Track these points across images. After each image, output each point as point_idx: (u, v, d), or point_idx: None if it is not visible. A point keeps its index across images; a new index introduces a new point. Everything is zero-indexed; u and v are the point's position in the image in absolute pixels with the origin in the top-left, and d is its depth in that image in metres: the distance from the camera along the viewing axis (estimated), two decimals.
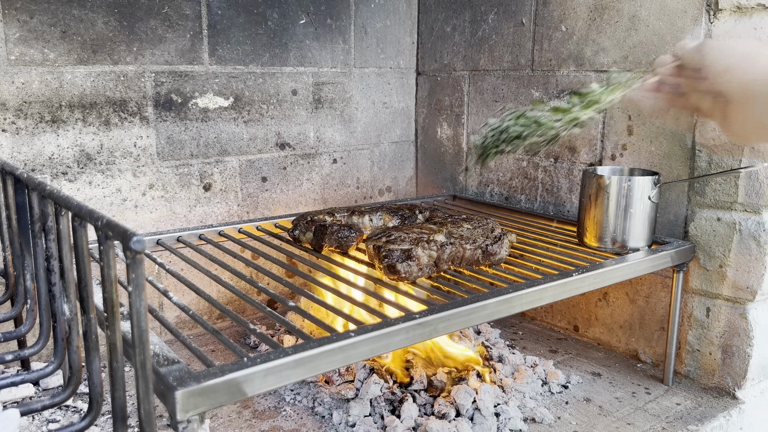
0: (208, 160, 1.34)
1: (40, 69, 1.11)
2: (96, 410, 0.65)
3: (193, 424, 0.58)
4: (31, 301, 0.82)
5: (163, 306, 1.32)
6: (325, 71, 1.49)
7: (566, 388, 1.14)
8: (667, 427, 1.02)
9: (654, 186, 1.05)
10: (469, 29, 1.51)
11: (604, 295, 1.30)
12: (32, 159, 1.13)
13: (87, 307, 0.61)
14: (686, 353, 1.16)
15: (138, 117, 1.23)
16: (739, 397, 1.10)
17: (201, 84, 1.30)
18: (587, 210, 1.09)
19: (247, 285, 1.27)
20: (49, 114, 1.13)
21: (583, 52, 1.27)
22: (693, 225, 1.12)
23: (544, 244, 1.12)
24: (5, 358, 0.75)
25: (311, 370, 0.66)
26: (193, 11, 1.26)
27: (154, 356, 0.63)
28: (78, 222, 0.60)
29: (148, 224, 1.27)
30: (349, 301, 0.83)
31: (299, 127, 1.47)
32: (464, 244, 0.93)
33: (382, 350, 0.72)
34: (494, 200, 1.51)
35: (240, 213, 1.40)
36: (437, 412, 1.00)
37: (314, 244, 1.04)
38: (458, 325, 0.79)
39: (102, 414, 0.96)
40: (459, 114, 1.57)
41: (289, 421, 1.01)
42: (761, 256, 1.05)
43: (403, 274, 0.87)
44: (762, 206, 1.04)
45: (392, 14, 1.59)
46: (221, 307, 0.79)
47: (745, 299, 1.08)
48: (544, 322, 1.45)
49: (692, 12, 1.08)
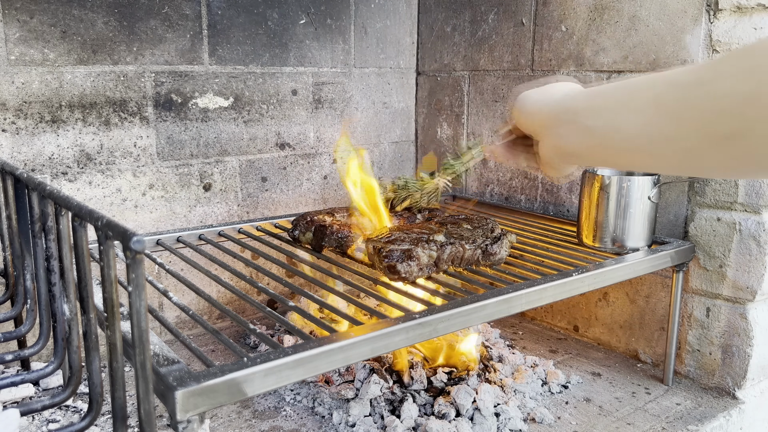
0: (208, 160, 1.34)
1: (40, 69, 1.11)
2: (96, 410, 0.66)
3: (193, 424, 0.58)
4: (31, 301, 0.82)
5: (163, 306, 1.32)
6: (325, 71, 1.49)
7: (566, 388, 1.14)
8: (667, 427, 1.02)
9: (654, 186, 1.05)
10: (469, 29, 1.51)
11: (604, 295, 1.30)
12: (32, 159, 1.13)
13: (87, 307, 0.61)
14: (686, 353, 1.16)
15: (138, 117, 1.23)
16: (739, 397, 1.10)
17: (201, 84, 1.30)
18: (587, 210, 1.09)
19: (247, 285, 1.27)
20: (49, 114, 1.13)
21: (583, 52, 1.27)
22: (693, 225, 1.12)
23: (544, 244, 1.12)
24: (5, 358, 0.75)
25: (311, 370, 0.66)
26: (193, 11, 1.26)
27: (154, 356, 0.63)
28: (78, 222, 0.60)
29: (148, 224, 1.27)
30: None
31: (299, 127, 1.47)
32: (464, 244, 0.93)
33: (382, 350, 0.72)
34: (494, 200, 1.51)
35: (240, 213, 1.40)
36: (437, 412, 1.00)
37: (314, 244, 1.04)
38: (458, 325, 0.79)
39: (102, 414, 0.96)
40: (459, 114, 1.57)
41: (289, 421, 1.01)
42: (761, 256, 1.05)
43: (403, 274, 0.87)
44: (762, 206, 1.04)
45: (392, 14, 1.59)
46: (221, 307, 0.79)
47: (745, 299, 1.08)
48: (544, 322, 1.45)
49: (692, 12, 1.08)
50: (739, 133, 0.43)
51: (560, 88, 0.69)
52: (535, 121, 0.69)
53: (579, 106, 0.61)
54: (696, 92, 0.46)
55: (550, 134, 0.65)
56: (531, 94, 0.72)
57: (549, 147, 0.66)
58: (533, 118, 0.69)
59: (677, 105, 0.48)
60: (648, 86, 0.52)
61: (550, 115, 0.65)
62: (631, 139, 0.53)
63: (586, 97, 0.61)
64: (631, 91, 0.54)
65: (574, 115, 0.61)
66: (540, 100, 0.69)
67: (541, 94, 0.70)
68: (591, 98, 0.60)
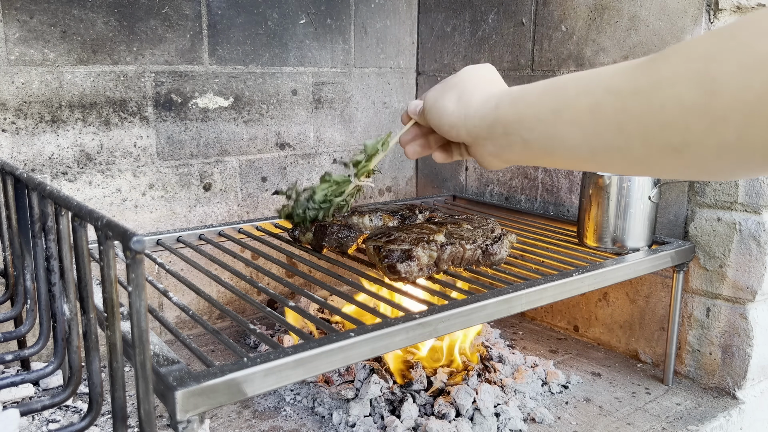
0: (208, 160, 1.34)
1: (40, 69, 1.11)
2: (96, 410, 0.65)
3: (193, 424, 0.58)
4: (31, 301, 0.82)
5: (163, 306, 1.32)
6: (325, 71, 1.49)
7: (566, 388, 1.14)
8: (667, 427, 1.02)
9: (654, 186, 1.05)
10: (469, 29, 1.51)
11: (604, 295, 1.30)
12: (32, 159, 1.13)
13: (87, 307, 0.61)
14: (686, 353, 1.16)
15: (138, 117, 1.23)
16: (739, 397, 1.10)
17: (201, 84, 1.30)
18: (587, 210, 1.09)
19: (247, 285, 1.27)
20: (49, 114, 1.13)
21: (584, 52, 1.27)
22: (693, 225, 1.12)
23: (544, 244, 1.12)
24: (5, 358, 0.75)
25: (311, 370, 0.66)
26: (193, 11, 1.26)
27: (154, 356, 0.63)
28: (78, 222, 0.60)
29: (148, 224, 1.27)
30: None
31: (299, 127, 1.47)
32: (464, 244, 0.93)
33: (382, 350, 0.72)
34: (494, 200, 1.51)
35: (240, 213, 1.40)
36: (437, 412, 1.00)
37: (314, 245, 1.04)
38: (458, 325, 0.79)
39: (102, 414, 0.96)
40: None
41: (289, 421, 1.01)
42: (761, 256, 1.05)
43: (403, 274, 0.87)
44: (762, 206, 1.04)
45: (392, 14, 1.59)
46: (221, 307, 0.79)
47: (745, 299, 1.08)
48: (544, 322, 1.45)
49: (692, 12, 1.08)
50: (688, 145, 0.39)
51: (474, 88, 0.63)
52: (461, 134, 0.63)
53: (507, 118, 0.56)
54: (636, 102, 0.42)
55: (483, 144, 0.60)
56: (446, 103, 0.65)
57: (485, 154, 0.62)
58: (459, 132, 0.64)
59: (618, 116, 0.43)
60: (583, 92, 0.47)
61: (480, 129, 0.60)
62: (573, 149, 0.49)
63: (510, 105, 0.56)
64: (564, 98, 0.49)
65: (507, 128, 0.56)
66: (458, 110, 0.63)
67: (457, 100, 0.64)
68: (516, 108, 0.55)
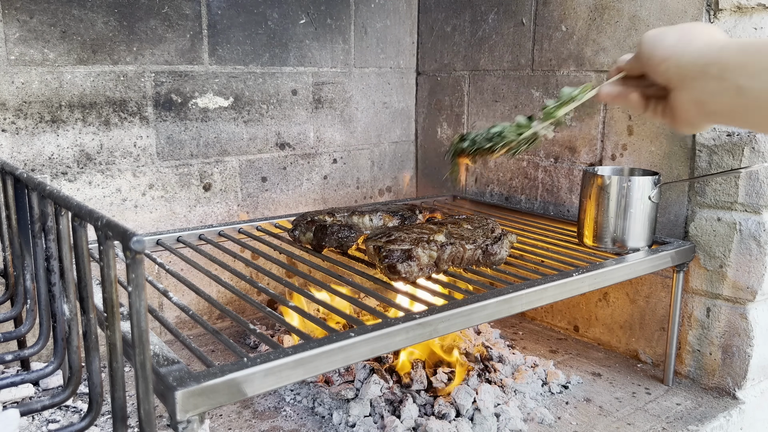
0: (208, 160, 1.34)
1: (39, 69, 1.11)
2: (96, 410, 0.65)
3: (193, 424, 0.58)
4: (31, 301, 0.82)
5: (163, 306, 1.32)
6: (325, 71, 1.49)
7: (566, 389, 1.14)
8: (668, 427, 1.02)
9: (654, 186, 1.05)
10: (469, 29, 1.51)
11: (605, 295, 1.30)
12: (32, 159, 1.12)
13: (87, 307, 0.61)
14: (686, 353, 1.16)
15: (138, 117, 1.23)
16: (739, 398, 1.10)
17: (201, 84, 1.30)
18: (587, 210, 1.09)
19: (247, 285, 1.27)
20: (49, 114, 1.13)
21: (584, 52, 1.27)
22: (693, 225, 1.12)
23: (544, 244, 1.12)
24: (5, 358, 0.75)
25: (311, 370, 0.66)
26: (193, 11, 1.26)
27: (154, 356, 0.63)
28: (78, 222, 0.60)
29: (148, 224, 1.27)
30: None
31: (299, 127, 1.47)
32: (464, 244, 0.93)
33: (382, 350, 0.72)
34: (494, 200, 1.51)
35: (240, 213, 1.40)
36: (437, 412, 1.00)
37: (314, 245, 1.04)
38: (458, 325, 0.79)
39: (102, 414, 0.96)
40: (459, 114, 1.57)
41: (289, 421, 1.01)
42: (761, 256, 1.05)
43: (403, 274, 0.87)
44: (762, 206, 1.04)
45: (392, 14, 1.59)
46: (221, 307, 0.79)
47: (745, 299, 1.08)
48: (544, 322, 1.45)
49: (692, 12, 1.08)
50: None
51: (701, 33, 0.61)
52: (671, 68, 0.61)
53: (730, 61, 0.54)
54: None
55: (691, 87, 0.58)
56: (666, 36, 0.63)
57: (689, 101, 0.59)
58: (669, 65, 0.61)
59: None
60: None
61: (693, 66, 0.58)
62: None
63: (737, 51, 0.54)
64: None
65: (724, 71, 0.54)
66: (678, 44, 0.61)
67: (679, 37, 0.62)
68: (744, 54, 0.53)
